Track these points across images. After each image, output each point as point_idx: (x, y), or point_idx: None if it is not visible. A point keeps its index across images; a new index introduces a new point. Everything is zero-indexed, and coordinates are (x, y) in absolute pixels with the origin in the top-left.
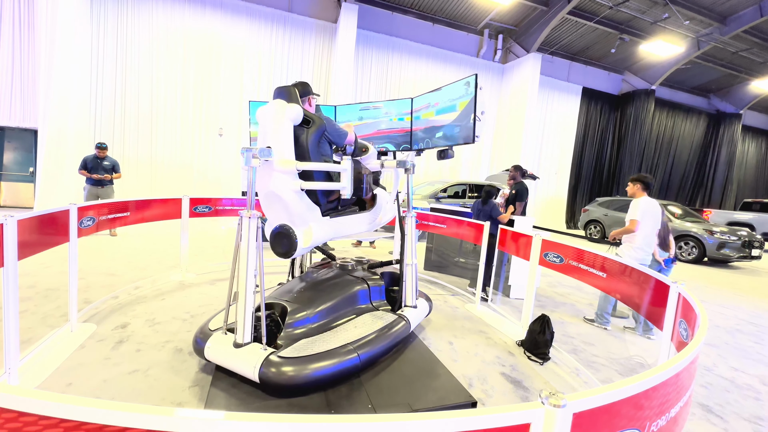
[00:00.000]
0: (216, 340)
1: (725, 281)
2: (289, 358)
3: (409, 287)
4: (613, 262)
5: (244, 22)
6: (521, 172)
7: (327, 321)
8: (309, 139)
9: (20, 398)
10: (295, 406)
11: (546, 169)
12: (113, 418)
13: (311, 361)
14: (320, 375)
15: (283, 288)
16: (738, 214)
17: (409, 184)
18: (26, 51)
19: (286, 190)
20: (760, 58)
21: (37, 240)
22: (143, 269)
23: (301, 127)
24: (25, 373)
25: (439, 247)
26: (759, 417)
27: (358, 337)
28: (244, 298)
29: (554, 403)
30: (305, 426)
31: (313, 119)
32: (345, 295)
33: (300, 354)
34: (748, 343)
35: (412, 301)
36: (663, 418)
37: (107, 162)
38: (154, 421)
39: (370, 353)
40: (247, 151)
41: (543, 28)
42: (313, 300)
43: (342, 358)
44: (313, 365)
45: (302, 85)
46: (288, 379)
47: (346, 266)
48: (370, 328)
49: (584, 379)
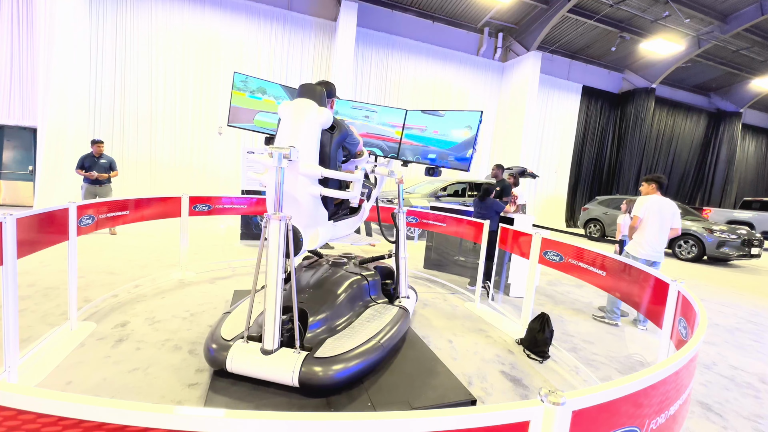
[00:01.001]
0: (239, 350)
1: (725, 280)
2: (327, 358)
3: (403, 279)
4: (612, 260)
5: (243, 20)
6: (503, 170)
7: (343, 318)
8: (332, 145)
9: (19, 396)
10: (294, 405)
11: (546, 167)
12: (112, 415)
13: (349, 359)
14: (358, 370)
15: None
16: (738, 213)
17: (399, 186)
18: (25, 49)
19: (305, 194)
20: (760, 57)
21: (37, 238)
22: (143, 268)
23: (326, 132)
24: (25, 372)
25: (439, 245)
26: (758, 415)
27: (378, 330)
28: (273, 302)
29: (553, 400)
30: (306, 424)
31: (339, 125)
32: (352, 292)
33: (335, 353)
34: (747, 342)
35: (405, 292)
36: (662, 416)
37: (104, 160)
38: (153, 419)
39: (390, 344)
40: (275, 151)
41: (543, 27)
42: (325, 299)
43: (373, 352)
44: (352, 362)
45: (327, 85)
46: (330, 379)
47: (339, 263)
48: (382, 321)
49: (584, 377)
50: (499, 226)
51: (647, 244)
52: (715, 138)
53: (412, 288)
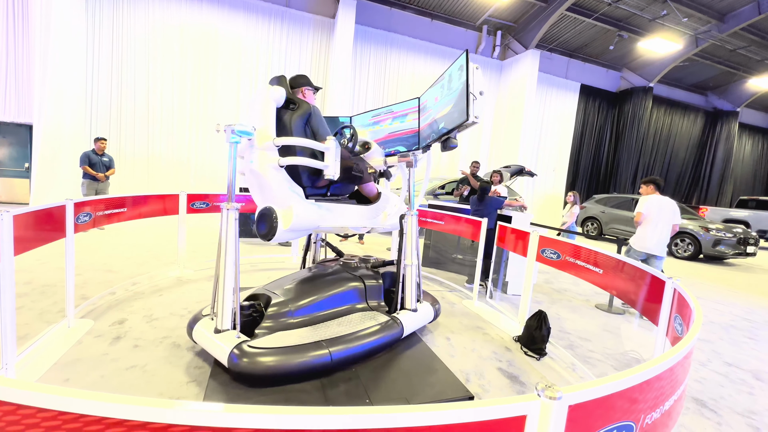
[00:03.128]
0: (204, 324)
1: (720, 278)
2: (258, 348)
3: (408, 289)
4: (609, 258)
5: (241, 17)
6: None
7: (312, 316)
8: (293, 121)
9: (18, 391)
10: (293, 400)
11: (544, 165)
12: (112, 410)
13: (277, 354)
14: (284, 368)
15: (280, 280)
16: (734, 212)
17: (411, 180)
18: (21, 45)
19: (265, 167)
20: (757, 56)
21: (33, 236)
22: (141, 265)
23: (286, 110)
24: (22, 369)
25: (437, 243)
26: (752, 411)
27: (337, 335)
28: (222, 285)
29: (550, 395)
30: (303, 418)
31: (300, 103)
32: (335, 292)
33: (269, 345)
34: (742, 339)
35: (412, 304)
36: (657, 411)
37: (106, 158)
38: (152, 414)
39: (344, 352)
40: (227, 126)
41: (542, 25)
42: (301, 294)
43: (311, 355)
44: (277, 357)
45: (298, 77)
46: (252, 369)
47: (349, 264)
48: (354, 327)
49: (580, 374)
50: (496, 224)
51: (648, 238)
52: (712, 137)
53: (433, 301)
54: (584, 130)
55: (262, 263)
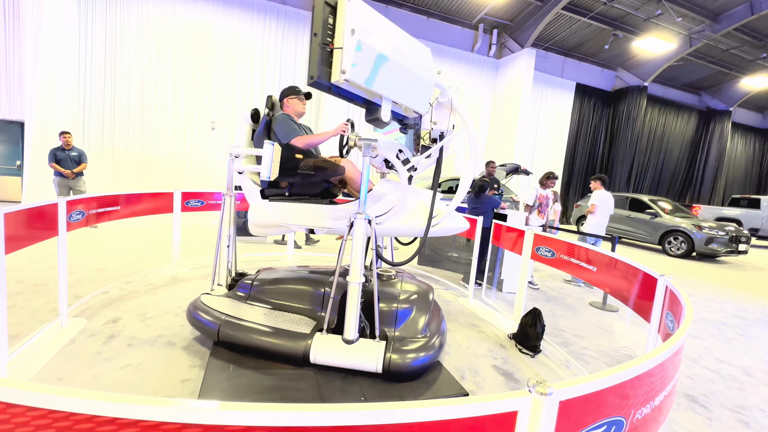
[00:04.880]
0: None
1: (713, 275)
2: (203, 303)
3: (348, 314)
4: (602, 255)
5: (236, 13)
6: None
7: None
8: (259, 132)
9: (9, 390)
10: (288, 399)
11: (539, 164)
12: (102, 408)
13: (204, 312)
14: (198, 321)
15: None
16: (726, 210)
17: (365, 173)
18: (12, 41)
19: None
20: (750, 56)
21: (25, 234)
22: (135, 264)
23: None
24: (14, 368)
25: (432, 241)
26: (742, 407)
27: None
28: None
29: (541, 391)
30: (297, 415)
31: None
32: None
33: (210, 305)
34: (733, 336)
35: (350, 334)
36: (647, 406)
37: (74, 152)
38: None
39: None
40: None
41: (537, 24)
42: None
43: (207, 319)
44: (202, 314)
45: (282, 90)
46: (188, 312)
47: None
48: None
49: (574, 371)
50: (492, 223)
51: (600, 225)
52: (705, 136)
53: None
54: (579, 128)
55: (256, 261)
